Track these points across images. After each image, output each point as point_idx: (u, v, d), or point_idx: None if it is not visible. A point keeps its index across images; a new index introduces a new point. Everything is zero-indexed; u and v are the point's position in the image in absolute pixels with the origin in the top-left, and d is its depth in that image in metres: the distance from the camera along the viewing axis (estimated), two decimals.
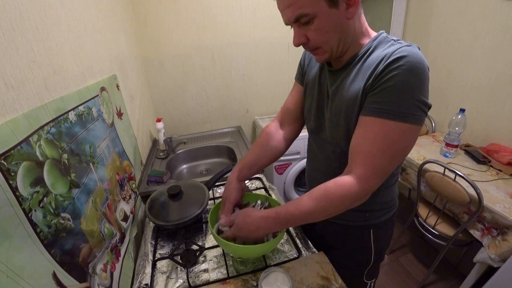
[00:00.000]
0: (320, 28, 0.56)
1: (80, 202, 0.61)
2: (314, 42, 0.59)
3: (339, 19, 0.55)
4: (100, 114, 0.82)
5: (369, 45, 0.60)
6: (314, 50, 0.61)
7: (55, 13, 0.65)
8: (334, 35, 0.57)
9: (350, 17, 0.56)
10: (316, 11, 0.53)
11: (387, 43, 0.59)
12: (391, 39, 0.59)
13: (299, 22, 0.56)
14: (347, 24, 0.57)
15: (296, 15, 0.55)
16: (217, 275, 0.75)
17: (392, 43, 0.58)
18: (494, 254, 1.11)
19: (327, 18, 0.54)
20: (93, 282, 0.60)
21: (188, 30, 1.61)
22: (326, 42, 0.58)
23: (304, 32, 0.58)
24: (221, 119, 1.92)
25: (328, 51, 0.60)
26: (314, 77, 0.74)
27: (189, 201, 0.92)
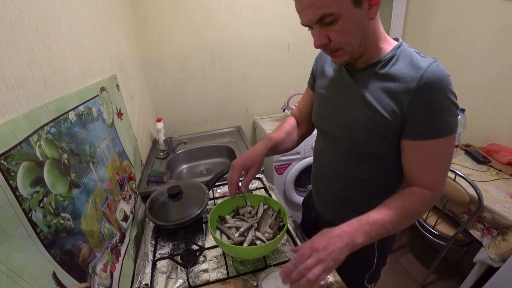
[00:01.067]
0: (344, 28, 0.54)
1: (80, 202, 0.61)
2: (336, 43, 0.58)
3: (362, 19, 0.55)
4: (100, 114, 0.82)
5: (393, 53, 0.60)
6: (334, 52, 0.60)
7: (55, 13, 0.65)
8: (356, 35, 0.57)
9: (372, 17, 0.55)
10: (341, 10, 0.52)
11: (411, 54, 0.59)
12: (413, 50, 0.61)
13: (322, 23, 0.55)
14: (368, 24, 0.57)
15: (319, 14, 0.53)
16: (217, 275, 0.75)
17: (415, 54, 0.59)
18: (494, 254, 1.11)
19: (351, 18, 0.53)
20: (93, 282, 0.60)
21: (188, 30, 1.61)
22: (348, 43, 0.58)
23: (326, 33, 0.56)
24: (221, 119, 1.92)
25: (349, 52, 0.59)
26: (330, 79, 0.73)
27: (189, 201, 0.92)
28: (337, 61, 0.63)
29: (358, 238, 0.57)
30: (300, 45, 1.85)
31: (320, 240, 0.57)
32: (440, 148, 0.58)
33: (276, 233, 0.77)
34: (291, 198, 1.85)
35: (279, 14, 1.72)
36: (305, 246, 0.57)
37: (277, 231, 0.78)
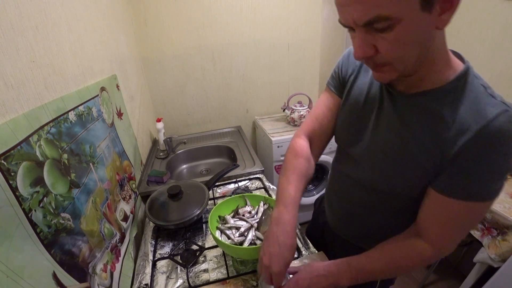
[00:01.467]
0: (401, 38, 0.40)
1: (80, 202, 0.61)
2: (385, 57, 0.44)
3: (427, 28, 0.41)
4: (100, 114, 0.82)
5: (454, 85, 0.47)
6: (380, 66, 0.47)
7: (55, 13, 0.65)
8: (414, 49, 0.43)
9: (441, 26, 0.41)
10: (403, 14, 0.38)
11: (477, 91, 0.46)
12: (481, 83, 0.47)
13: (371, 27, 0.41)
14: (433, 35, 0.43)
15: (371, 16, 0.39)
16: (217, 275, 0.75)
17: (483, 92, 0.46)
18: (494, 254, 1.11)
19: (414, 26, 0.39)
20: (93, 282, 0.60)
21: (188, 30, 1.61)
22: (402, 59, 0.44)
23: (373, 41, 0.42)
24: (221, 119, 1.92)
25: (400, 70, 0.46)
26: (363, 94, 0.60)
27: (189, 201, 0.92)
28: (380, 78, 0.50)
29: (343, 281, 0.56)
30: (300, 45, 1.85)
31: (304, 277, 0.58)
32: (468, 211, 0.48)
33: None
34: None
35: (279, 14, 1.72)
36: (290, 282, 0.58)
37: None
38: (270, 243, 0.57)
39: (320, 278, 0.57)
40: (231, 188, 1.16)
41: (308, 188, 1.99)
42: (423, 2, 0.38)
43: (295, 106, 1.76)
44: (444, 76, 0.48)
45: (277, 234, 0.57)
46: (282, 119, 1.90)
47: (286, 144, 1.64)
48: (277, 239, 0.57)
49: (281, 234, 0.57)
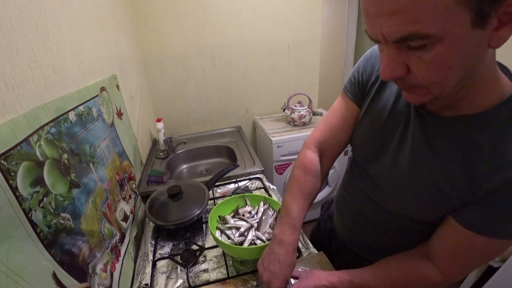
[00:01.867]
0: (441, 59, 0.33)
1: (80, 202, 0.61)
2: (419, 79, 0.36)
3: (477, 48, 0.33)
4: (100, 114, 0.82)
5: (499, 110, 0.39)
6: (411, 88, 0.40)
7: (55, 13, 0.65)
8: (457, 72, 0.35)
9: (495, 45, 0.32)
10: (447, 31, 0.30)
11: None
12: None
13: (405, 44, 0.34)
14: (484, 55, 0.35)
15: (407, 32, 0.32)
16: (217, 275, 0.75)
17: None
18: None
19: (460, 44, 0.32)
20: (93, 282, 0.60)
21: (188, 30, 1.61)
22: (440, 83, 0.36)
23: (406, 59, 0.35)
24: (221, 119, 1.92)
25: (436, 93, 0.38)
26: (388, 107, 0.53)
27: (189, 201, 0.92)
28: (410, 99, 0.42)
29: None
30: (300, 45, 1.85)
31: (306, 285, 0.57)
32: (489, 247, 0.44)
33: None
34: None
35: (279, 14, 1.72)
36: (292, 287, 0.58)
37: None
38: (271, 262, 0.58)
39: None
40: (231, 188, 1.16)
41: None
42: (477, 17, 0.29)
43: (295, 106, 1.76)
44: (488, 99, 0.40)
45: (278, 254, 0.58)
46: (282, 119, 1.90)
47: (286, 144, 1.65)
48: (278, 258, 0.58)
49: (283, 254, 0.58)
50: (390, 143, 0.54)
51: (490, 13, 0.30)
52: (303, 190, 0.63)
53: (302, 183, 0.64)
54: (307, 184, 0.64)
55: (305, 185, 0.64)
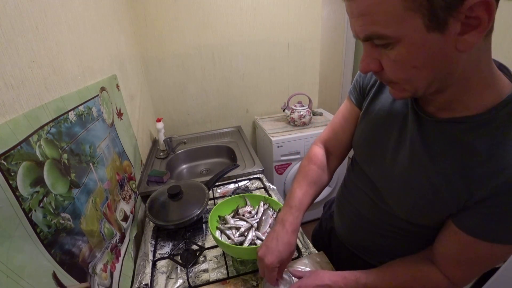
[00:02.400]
0: (403, 59, 0.36)
1: (80, 202, 0.61)
2: (390, 77, 0.40)
3: (441, 50, 0.34)
4: (100, 114, 0.82)
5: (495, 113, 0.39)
6: (388, 83, 0.44)
7: (55, 13, 0.65)
8: (425, 72, 0.37)
9: (463, 49, 0.34)
10: (401, 33, 0.33)
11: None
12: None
13: (371, 43, 0.38)
14: (455, 58, 0.35)
15: (367, 33, 0.36)
16: (217, 275, 0.75)
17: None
18: None
19: (418, 48, 0.34)
20: (93, 282, 0.60)
21: (188, 30, 1.61)
22: (408, 80, 0.39)
23: (378, 56, 0.39)
24: (221, 119, 1.92)
25: (410, 90, 0.41)
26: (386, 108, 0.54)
27: (189, 201, 0.92)
28: (393, 94, 0.45)
29: None
30: (300, 45, 1.85)
31: (308, 284, 0.56)
32: (490, 252, 0.44)
33: None
34: None
35: (279, 14, 1.72)
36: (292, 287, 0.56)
37: None
38: (269, 238, 0.60)
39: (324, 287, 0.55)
40: (231, 188, 1.16)
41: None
42: (430, 22, 0.32)
43: (295, 106, 1.76)
44: (483, 100, 0.40)
45: (277, 231, 0.59)
46: (282, 119, 1.90)
47: (286, 144, 1.65)
48: (276, 235, 0.59)
49: (281, 232, 0.59)
50: (388, 145, 0.54)
51: (447, 19, 0.31)
52: (306, 177, 0.67)
53: (306, 171, 0.68)
54: (310, 173, 0.67)
55: (308, 173, 0.67)
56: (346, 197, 0.72)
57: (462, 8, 0.31)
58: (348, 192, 0.71)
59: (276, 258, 0.56)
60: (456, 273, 0.49)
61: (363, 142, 0.61)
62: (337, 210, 0.78)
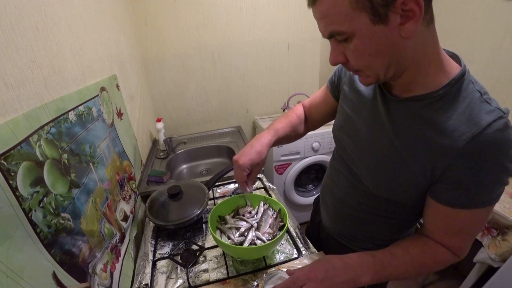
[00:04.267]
0: (360, 49, 0.43)
1: (80, 202, 0.61)
2: (354, 65, 0.47)
3: (389, 39, 0.41)
4: (100, 114, 0.82)
5: (447, 90, 0.46)
6: (355, 72, 0.51)
7: (55, 13, 0.65)
8: (379, 58, 0.44)
9: (406, 36, 0.41)
10: (353, 28, 0.41)
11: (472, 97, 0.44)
12: (477, 88, 0.45)
13: (335, 39, 0.46)
14: (403, 44, 0.42)
15: (329, 31, 0.44)
16: (217, 275, 0.75)
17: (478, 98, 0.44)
18: (494, 254, 1.11)
19: (370, 38, 0.41)
20: (93, 282, 0.60)
21: (188, 30, 1.61)
22: (368, 67, 0.46)
23: (343, 49, 0.46)
24: (221, 119, 1.92)
25: (373, 76, 0.48)
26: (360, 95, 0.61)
27: (189, 201, 0.92)
28: (362, 81, 0.52)
29: (365, 276, 0.52)
30: (300, 45, 1.85)
31: (319, 269, 0.53)
32: (472, 218, 0.49)
33: (276, 233, 0.77)
34: (291, 198, 1.85)
35: (279, 14, 1.72)
36: (299, 272, 0.54)
37: (277, 231, 0.78)
38: (245, 147, 0.71)
39: (337, 271, 0.52)
40: (231, 188, 1.16)
41: (308, 188, 2.00)
42: (374, 16, 0.39)
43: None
44: (436, 80, 0.46)
45: (253, 143, 0.71)
46: None
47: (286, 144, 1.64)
48: (251, 145, 0.71)
49: (256, 143, 0.71)
50: (361, 126, 0.60)
51: (387, 13, 0.39)
52: (286, 118, 0.80)
53: (286, 115, 0.81)
54: (289, 117, 0.80)
55: (288, 116, 0.81)
56: (329, 185, 0.77)
57: (397, 4, 0.38)
58: (330, 180, 0.77)
59: (248, 161, 0.68)
60: (451, 243, 0.53)
61: (339, 127, 0.68)
62: (322, 201, 0.83)
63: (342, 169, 0.69)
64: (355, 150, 0.62)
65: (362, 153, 0.60)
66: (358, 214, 0.67)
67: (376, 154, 0.55)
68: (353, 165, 0.64)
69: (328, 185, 0.77)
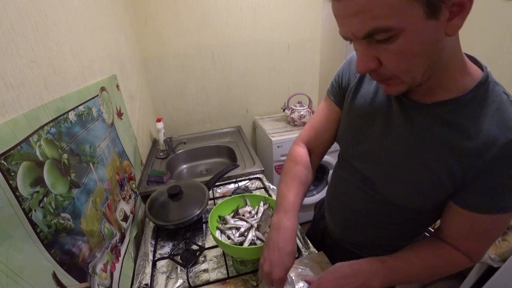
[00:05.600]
0: (405, 49, 0.37)
1: (80, 202, 0.61)
2: (390, 70, 0.41)
3: (435, 37, 0.37)
4: (100, 114, 0.82)
5: (474, 94, 0.43)
6: (386, 80, 0.43)
7: (55, 13, 0.65)
8: (422, 59, 0.39)
9: (451, 33, 0.37)
10: (404, 24, 0.35)
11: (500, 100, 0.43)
12: (503, 93, 0.43)
13: (372, 39, 0.38)
14: (444, 43, 0.39)
15: (370, 28, 0.36)
16: (217, 275, 0.75)
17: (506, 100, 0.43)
18: (494, 254, 1.11)
19: (419, 35, 0.36)
20: (93, 282, 0.60)
21: (188, 30, 1.61)
22: (408, 70, 0.40)
23: (376, 53, 0.39)
24: (221, 119, 1.92)
25: (408, 82, 0.42)
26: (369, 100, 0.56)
27: (189, 201, 0.92)
28: (387, 90, 0.46)
29: (375, 281, 0.51)
30: (300, 45, 1.85)
31: (329, 280, 0.53)
32: (495, 223, 0.47)
33: None
34: None
35: (279, 14, 1.72)
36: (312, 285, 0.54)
37: None
38: (271, 251, 0.56)
39: (348, 279, 0.52)
40: (231, 188, 1.16)
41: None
42: (428, 9, 0.34)
43: (295, 106, 1.76)
44: (462, 84, 0.44)
45: (277, 241, 0.56)
46: (282, 119, 1.90)
47: (286, 144, 1.65)
48: (277, 246, 0.56)
49: (282, 241, 0.56)
50: (373, 135, 0.56)
51: (440, 6, 0.34)
52: (295, 178, 0.65)
53: (294, 173, 0.66)
54: (298, 173, 0.66)
55: (296, 174, 0.66)
56: (337, 194, 0.72)
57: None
58: (338, 189, 0.72)
59: (283, 271, 0.54)
60: (470, 248, 0.51)
61: (348, 137, 0.62)
62: (328, 209, 0.79)
63: (352, 179, 0.65)
64: (369, 161, 0.58)
65: (377, 163, 0.56)
66: (369, 222, 0.64)
67: (394, 162, 0.52)
68: (367, 175, 0.60)
69: (336, 194, 0.73)
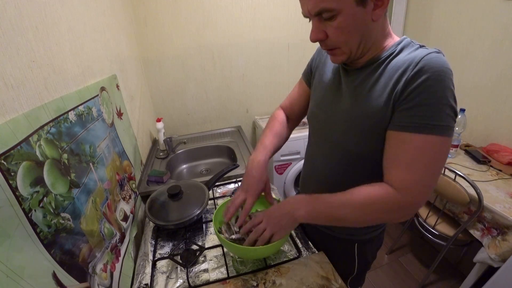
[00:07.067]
0: (342, 26, 0.52)
1: (80, 202, 0.61)
2: (333, 41, 0.55)
3: (364, 20, 0.52)
4: (100, 114, 0.82)
5: (393, 49, 0.57)
6: (331, 50, 0.58)
7: (55, 13, 0.65)
8: (355, 36, 0.54)
9: (375, 19, 0.52)
10: (341, 7, 0.49)
11: (412, 47, 0.56)
12: (416, 44, 0.56)
13: (320, 17, 0.52)
14: (371, 26, 0.54)
15: (318, 8, 0.51)
16: (217, 275, 0.75)
17: (417, 48, 0.55)
18: (494, 254, 1.11)
19: (352, 17, 0.51)
20: (93, 282, 0.60)
21: (188, 30, 1.61)
22: (346, 43, 0.55)
23: (324, 28, 0.54)
24: (221, 119, 1.92)
25: (347, 52, 0.57)
26: (328, 77, 0.71)
27: (189, 201, 0.92)
28: (334, 60, 0.61)
29: (301, 209, 0.61)
30: (300, 46, 1.85)
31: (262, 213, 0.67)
32: (425, 146, 0.51)
33: None
34: None
35: (279, 14, 1.72)
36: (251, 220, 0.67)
37: None
38: (245, 179, 0.72)
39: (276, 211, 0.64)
40: (231, 188, 1.16)
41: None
42: None
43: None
44: (387, 47, 0.58)
45: (251, 170, 0.72)
46: None
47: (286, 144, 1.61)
48: (251, 174, 0.72)
49: (255, 170, 0.72)
50: (330, 100, 0.68)
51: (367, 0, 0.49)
52: (272, 130, 0.82)
53: (270, 126, 0.84)
54: (274, 127, 0.83)
55: (273, 127, 0.83)
56: (307, 172, 0.83)
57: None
58: (307, 166, 0.83)
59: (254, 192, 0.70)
60: (394, 176, 0.54)
61: (316, 105, 0.74)
62: (302, 189, 0.88)
63: (317, 151, 0.76)
64: (327, 122, 0.69)
65: (334, 121, 0.67)
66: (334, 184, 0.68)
67: (347, 116, 0.63)
68: (328, 136, 0.70)
69: (307, 172, 0.83)
